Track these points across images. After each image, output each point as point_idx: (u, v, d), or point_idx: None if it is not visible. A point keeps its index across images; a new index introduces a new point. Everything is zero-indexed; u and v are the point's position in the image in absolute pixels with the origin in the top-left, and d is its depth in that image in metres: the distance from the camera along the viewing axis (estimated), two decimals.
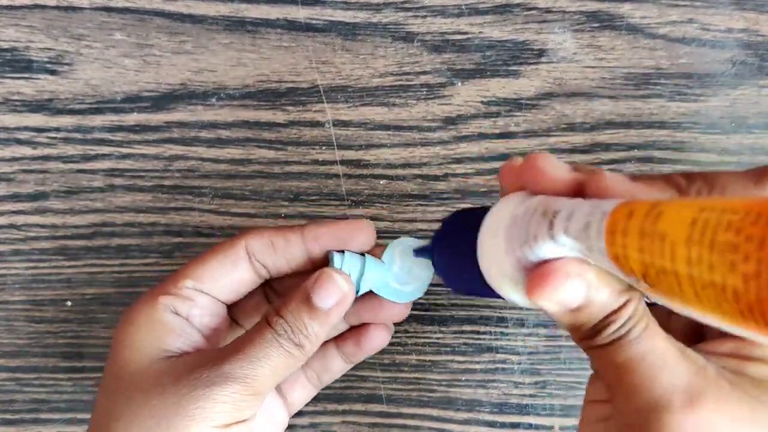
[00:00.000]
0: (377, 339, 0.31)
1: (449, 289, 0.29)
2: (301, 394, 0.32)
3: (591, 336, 0.21)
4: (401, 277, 0.30)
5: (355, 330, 0.32)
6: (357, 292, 0.29)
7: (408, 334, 0.37)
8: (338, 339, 0.32)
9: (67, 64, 0.36)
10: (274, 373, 0.26)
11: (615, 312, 0.21)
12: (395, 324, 0.34)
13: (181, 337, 0.27)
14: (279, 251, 0.29)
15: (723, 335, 0.21)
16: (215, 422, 0.24)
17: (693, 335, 0.24)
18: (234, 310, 0.31)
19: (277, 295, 0.32)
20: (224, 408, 0.24)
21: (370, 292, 0.30)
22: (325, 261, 0.29)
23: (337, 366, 0.32)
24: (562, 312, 0.21)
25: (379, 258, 0.29)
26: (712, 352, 0.21)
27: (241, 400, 0.25)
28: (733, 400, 0.19)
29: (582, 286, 0.20)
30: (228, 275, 0.28)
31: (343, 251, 0.29)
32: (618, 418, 0.21)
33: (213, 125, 0.36)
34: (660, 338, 0.21)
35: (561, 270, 0.20)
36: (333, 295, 0.27)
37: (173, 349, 0.27)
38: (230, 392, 0.24)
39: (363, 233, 0.29)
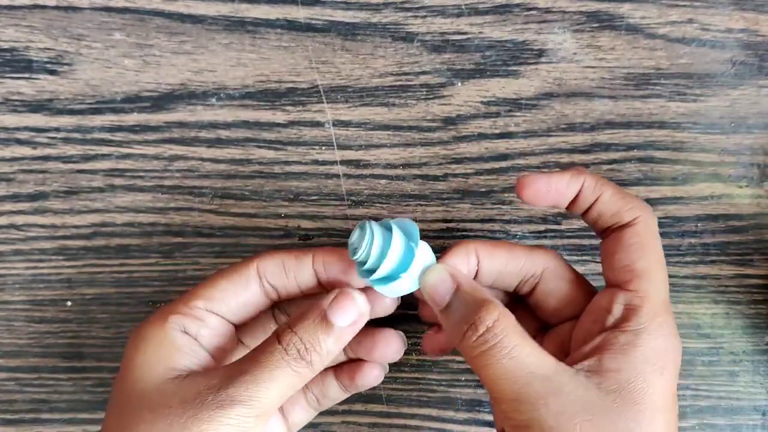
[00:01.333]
0: (370, 377, 0.32)
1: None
2: (301, 416, 0.33)
3: (463, 341, 0.26)
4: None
5: (351, 363, 0.32)
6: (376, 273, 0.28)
7: (408, 334, 0.37)
8: (336, 369, 0.33)
9: (67, 64, 0.36)
10: (280, 393, 0.26)
11: (477, 316, 0.26)
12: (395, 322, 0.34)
13: (189, 355, 0.27)
14: (290, 273, 0.29)
15: (586, 355, 0.26)
16: None
17: (562, 351, 0.29)
18: (241, 329, 0.31)
19: (286, 316, 0.33)
20: (229, 431, 0.24)
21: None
22: (332, 287, 0.29)
23: (334, 393, 0.33)
24: (437, 309, 0.28)
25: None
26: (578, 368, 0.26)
27: (246, 423, 0.25)
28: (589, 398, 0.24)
29: (449, 281, 0.27)
30: (238, 297, 0.29)
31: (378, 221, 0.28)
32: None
33: (213, 125, 0.36)
34: (530, 353, 0.25)
35: (440, 264, 0.28)
36: (350, 314, 0.27)
37: (181, 367, 0.27)
38: (234, 415, 0.24)
39: None
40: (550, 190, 0.28)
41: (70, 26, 0.36)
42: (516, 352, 0.25)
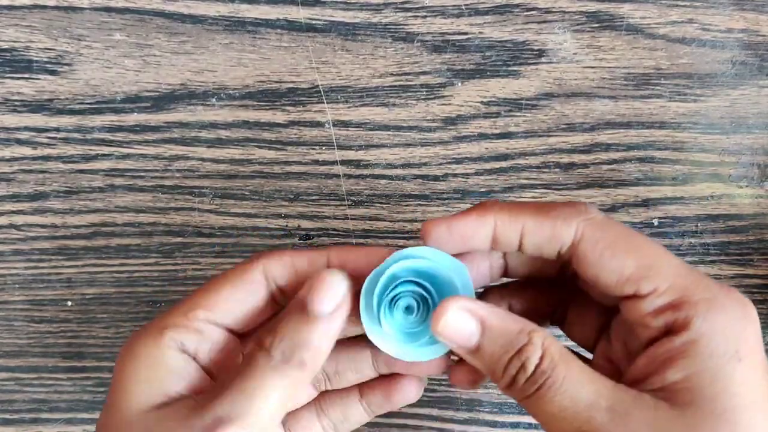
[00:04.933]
0: (409, 393, 0.28)
1: None
2: None
3: (510, 385, 0.22)
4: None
5: (384, 380, 0.28)
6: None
7: None
8: (364, 387, 0.29)
9: (67, 64, 0.36)
10: (276, 405, 0.23)
11: (519, 352, 0.22)
12: None
13: (184, 379, 0.24)
14: (301, 276, 0.26)
15: (642, 375, 0.22)
16: None
17: (613, 365, 0.25)
18: (246, 339, 0.28)
19: None
20: None
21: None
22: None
23: (357, 416, 0.29)
24: (465, 353, 0.23)
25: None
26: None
27: None
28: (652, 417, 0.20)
29: (472, 322, 0.23)
30: (243, 303, 0.25)
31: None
32: None
33: (213, 125, 0.36)
34: (583, 383, 0.21)
35: (453, 304, 0.23)
36: (331, 298, 0.23)
37: (172, 393, 0.24)
38: None
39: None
40: (453, 236, 0.24)
41: (70, 26, 0.36)
42: (568, 386, 0.21)
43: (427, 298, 0.25)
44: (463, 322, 0.23)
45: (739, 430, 0.20)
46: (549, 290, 0.27)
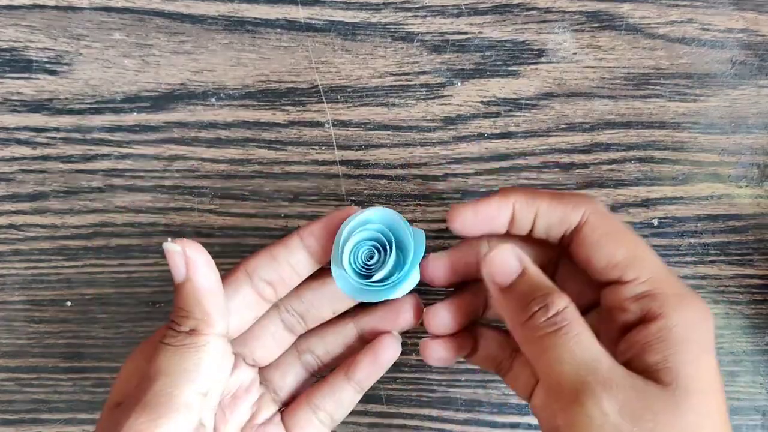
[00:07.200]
0: (393, 348, 0.30)
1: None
2: None
3: (527, 321, 0.25)
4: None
5: (365, 348, 0.30)
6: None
7: (408, 334, 0.37)
8: (349, 366, 0.30)
9: (66, 64, 0.36)
10: (179, 381, 0.24)
11: (545, 295, 0.25)
12: None
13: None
14: (282, 261, 0.28)
15: (623, 358, 0.25)
16: None
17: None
18: (249, 344, 0.30)
19: (296, 314, 0.30)
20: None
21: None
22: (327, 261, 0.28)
23: (349, 398, 0.30)
24: (496, 289, 0.26)
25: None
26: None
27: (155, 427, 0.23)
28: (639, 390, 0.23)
29: (517, 263, 0.26)
30: (231, 301, 0.27)
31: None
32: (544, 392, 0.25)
33: (213, 125, 0.36)
34: (593, 342, 0.24)
35: (505, 245, 0.26)
36: (179, 263, 0.25)
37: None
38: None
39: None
40: (478, 219, 0.27)
41: (69, 26, 0.36)
42: (583, 338, 0.24)
43: (386, 246, 0.28)
44: (509, 260, 0.26)
45: (710, 410, 0.23)
46: None
